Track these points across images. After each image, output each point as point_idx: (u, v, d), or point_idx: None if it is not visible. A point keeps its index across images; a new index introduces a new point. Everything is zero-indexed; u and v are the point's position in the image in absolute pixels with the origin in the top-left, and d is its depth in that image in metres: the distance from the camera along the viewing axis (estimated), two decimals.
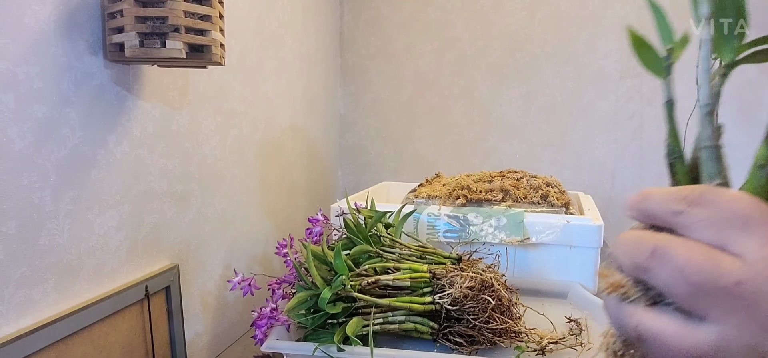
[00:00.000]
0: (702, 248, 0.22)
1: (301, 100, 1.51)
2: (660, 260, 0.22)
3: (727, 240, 0.22)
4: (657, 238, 0.23)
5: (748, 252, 0.21)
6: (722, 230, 0.22)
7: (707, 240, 0.22)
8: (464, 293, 0.79)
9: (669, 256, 0.22)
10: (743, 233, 0.22)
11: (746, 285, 0.21)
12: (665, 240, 0.23)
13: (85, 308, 0.73)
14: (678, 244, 0.22)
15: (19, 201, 0.65)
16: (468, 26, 1.77)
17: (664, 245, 0.23)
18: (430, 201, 1.16)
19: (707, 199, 0.23)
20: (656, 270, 0.23)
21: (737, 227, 0.22)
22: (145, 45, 0.70)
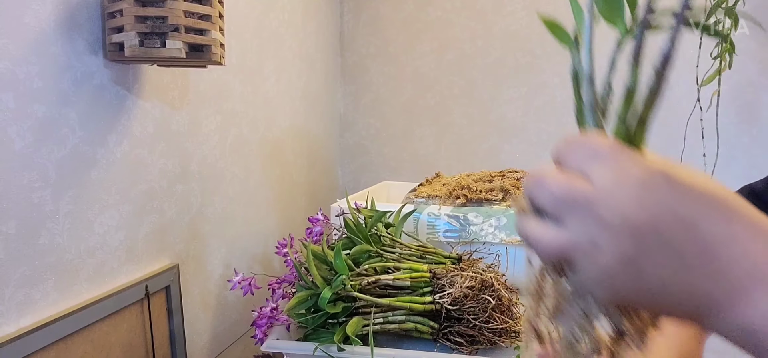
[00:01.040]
0: (565, 175, 0.30)
1: (301, 100, 1.51)
2: (540, 184, 0.31)
3: (585, 167, 0.29)
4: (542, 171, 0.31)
5: (597, 176, 0.29)
6: (583, 161, 0.30)
7: (574, 168, 0.30)
8: (464, 292, 0.79)
9: (545, 181, 0.30)
10: (595, 162, 0.29)
11: (590, 198, 0.28)
12: (546, 171, 0.31)
13: (85, 307, 0.73)
14: (552, 173, 0.31)
15: (19, 201, 0.65)
16: (468, 26, 1.77)
17: (543, 174, 0.31)
18: (430, 201, 1.16)
19: (579, 141, 0.31)
20: (537, 191, 0.31)
21: (592, 158, 0.29)
22: (145, 44, 0.70)
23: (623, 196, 0.28)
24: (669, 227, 0.27)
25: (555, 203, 0.30)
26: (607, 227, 0.27)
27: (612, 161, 0.29)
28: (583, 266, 0.29)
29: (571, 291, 0.32)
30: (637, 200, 0.27)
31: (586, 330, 0.32)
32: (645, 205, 0.27)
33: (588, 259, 0.28)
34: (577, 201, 0.29)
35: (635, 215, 0.27)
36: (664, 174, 0.28)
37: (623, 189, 0.28)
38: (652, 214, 0.27)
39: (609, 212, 0.28)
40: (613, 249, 0.27)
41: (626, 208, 0.27)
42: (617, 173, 0.28)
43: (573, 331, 0.32)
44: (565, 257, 0.30)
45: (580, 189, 0.29)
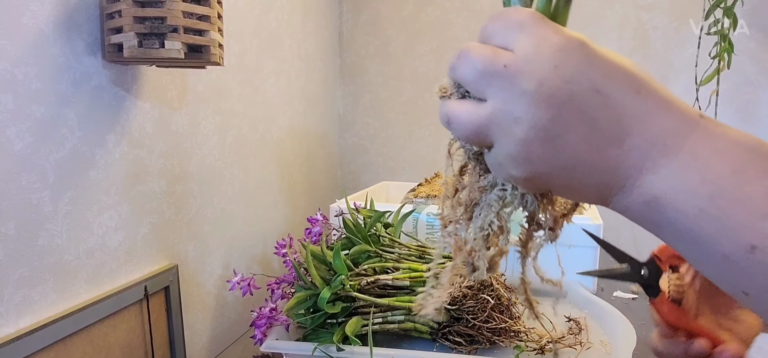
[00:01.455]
0: (489, 47, 0.29)
1: (300, 100, 1.51)
2: (462, 58, 0.30)
3: (507, 40, 0.29)
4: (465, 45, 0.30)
5: (518, 45, 0.28)
6: (506, 33, 0.29)
7: (497, 43, 0.29)
8: (463, 292, 0.79)
9: (466, 54, 0.30)
10: (519, 33, 0.28)
11: (510, 67, 0.27)
12: (469, 45, 0.30)
13: (85, 308, 0.73)
14: (475, 45, 0.30)
15: (17, 202, 0.65)
16: (468, 26, 1.77)
17: (467, 48, 0.30)
18: (429, 201, 1.16)
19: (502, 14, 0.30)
20: (459, 66, 0.30)
21: (516, 29, 0.28)
22: (144, 45, 0.70)
23: (542, 62, 0.27)
24: (584, 95, 0.27)
25: (477, 75, 0.29)
26: (525, 95, 0.27)
27: (534, 30, 0.28)
28: (501, 141, 0.29)
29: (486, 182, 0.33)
30: (554, 66, 0.27)
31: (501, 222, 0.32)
32: (562, 71, 0.27)
33: (506, 132, 0.28)
34: (498, 71, 0.28)
35: (552, 81, 0.27)
36: (583, 43, 0.28)
37: (542, 55, 0.27)
38: (568, 81, 0.27)
39: (528, 80, 0.27)
40: (530, 118, 0.27)
41: (544, 74, 0.27)
42: (538, 41, 0.28)
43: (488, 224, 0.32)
44: (483, 134, 0.29)
45: (501, 58, 0.28)
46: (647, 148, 0.27)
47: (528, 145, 0.28)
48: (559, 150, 0.28)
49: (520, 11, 0.29)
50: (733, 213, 0.26)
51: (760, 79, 1.58)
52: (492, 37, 0.30)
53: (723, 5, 1.27)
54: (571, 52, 0.27)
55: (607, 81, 0.27)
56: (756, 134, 0.26)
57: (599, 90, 0.27)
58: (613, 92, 0.27)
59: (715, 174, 0.26)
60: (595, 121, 0.27)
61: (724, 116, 1.56)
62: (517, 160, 0.29)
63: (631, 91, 0.28)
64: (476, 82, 0.29)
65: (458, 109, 0.30)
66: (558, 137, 0.27)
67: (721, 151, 0.27)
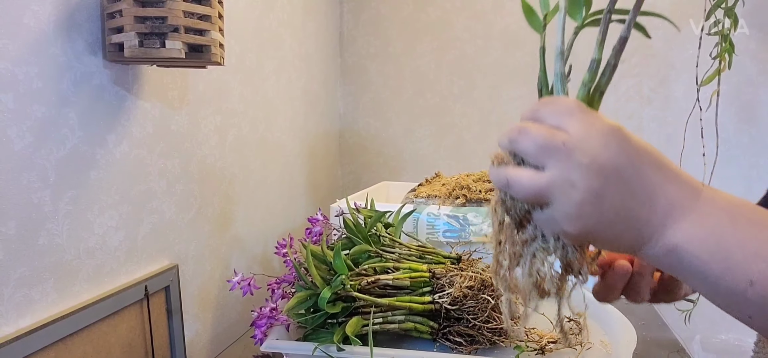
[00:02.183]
0: (544, 127, 0.37)
1: (300, 100, 1.51)
2: (523, 133, 0.37)
3: (560, 122, 0.37)
4: (523, 123, 0.38)
5: (571, 127, 0.36)
6: (558, 117, 0.37)
7: (550, 123, 0.37)
8: (464, 292, 0.79)
9: (528, 131, 0.37)
10: (569, 118, 0.36)
11: (567, 144, 0.35)
12: (527, 123, 0.38)
13: (85, 308, 0.73)
14: (535, 124, 0.38)
15: (18, 201, 0.65)
16: (468, 26, 1.77)
17: (526, 125, 0.38)
18: (429, 201, 1.16)
19: (553, 101, 0.38)
20: (520, 140, 0.37)
21: (566, 114, 0.37)
22: (145, 45, 0.70)
23: (594, 142, 0.35)
24: (625, 168, 0.35)
25: (538, 149, 0.36)
26: (581, 167, 0.35)
27: (582, 116, 0.36)
28: (559, 201, 0.36)
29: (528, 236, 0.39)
30: (604, 146, 0.35)
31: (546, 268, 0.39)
32: (609, 149, 0.35)
33: (564, 195, 0.35)
34: (557, 147, 0.36)
35: (602, 156, 0.35)
36: (620, 128, 0.36)
37: (593, 137, 0.35)
38: (613, 157, 0.35)
39: (583, 155, 0.35)
40: (585, 185, 0.35)
41: (596, 151, 0.35)
42: (587, 126, 0.36)
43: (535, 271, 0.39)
44: (542, 196, 0.36)
45: (559, 137, 0.36)
46: (669, 209, 0.35)
47: (582, 206, 0.35)
48: (605, 210, 0.35)
49: (568, 100, 0.38)
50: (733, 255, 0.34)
51: (761, 79, 1.58)
52: (545, 119, 0.38)
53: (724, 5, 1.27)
54: (613, 135, 0.36)
55: (639, 158, 0.36)
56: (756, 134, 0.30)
57: (635, 165, 0.35)
58: (643, 167, 0.36)
59: (718, 227, 0.35)
60: (631, 188, 0.35)
61: (725, 116, 1.56)
62: (572, 217, 0.36)
63: (653, 166, 0.36)
64: (537, 154, 0.37)
65: (519, 174, 0.37)
66: (605, 200, 0.35)
67: (720, 209, 0.35)
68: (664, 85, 1.66)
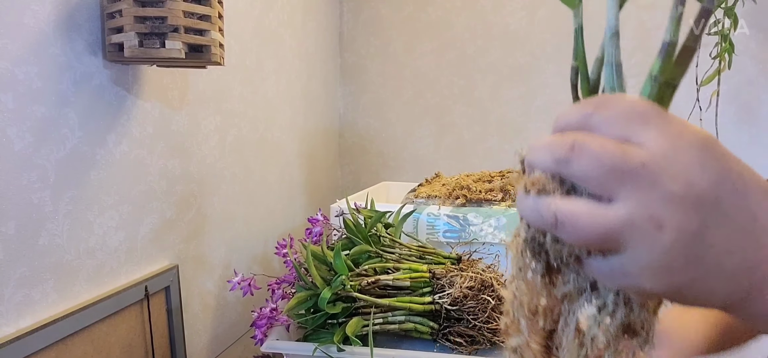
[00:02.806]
0: (612, 140, 0.25)
1: (300, 100, 1.51)
2: (579, 150, 0.25)
3: (630, 133, 0.25)
4: (575, 134, 0.26)
5: (649, 140, 0.25)
6: (626, 125, 0.26)
7: (614, 135, 0.26)
8: (464, 293, 0.79)
9: (586, 147, 0.25)
10: (644, 126, 0.25)
11: (649, 166, 0.24)
12: (582, 135, 0.26)
13: (85, 308, 0.73)
14: (592, 137, 0.26)
15: (18, 201, 0.65)
16: (468, 26, 1.77)
17: (582, 138, 0.26)
18: (429, 201, 1.16)
19: (612, 102, 0.27)
20: (575, 160, 0.25)
21: (638, 122, 0.25)
22: (145, 45, 0.70)
23: (686, 161, 0.24)
24: (728, 195, 0.25)
25: (604, 173, 0.25)
26: (672, 199, 0.24)
27: (664, 125, 0.25)
28: (637, 248, 0.25)
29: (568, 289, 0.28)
30: (700, 166, 0.24)
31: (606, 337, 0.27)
32: (709, 172, 0.24)
33: (646, 239, 0.24)
34: (635, 170, 0.24)
35: (700, 182, 0.24)
36: (717, 141, 0.25)
37: (684, 155, 0.24)
38: (713, 181, 0.24)
39: (673, 181, 0.24)
40: (677, 224, 0.24)
41: (692, 175, 0.24)
42: (673, 138, 0.25)
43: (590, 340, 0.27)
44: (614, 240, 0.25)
45: (636, 156, 0.24)
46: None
47: (672, 254, 0.24)
48: (703, 259, 0.25)
49: (638, 101, 0.26)
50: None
51: (761, 79, 1.58)
52: (605, 128, 0.26)
53: (724, 5, 1.27)
54: (711, 150, 0.25)
55: (743, 183, 0.25)
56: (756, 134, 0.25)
57: (739, 190, 0.25)
58: (749, 195, 0.25)
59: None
60: (736, 225, 0.25)
61: (725, 117, 1.56)
62: (656, 270, 0.25)
63: (760, 192, 0.26)
64: (603, 180, 0.25)
65: (574, 209, 0.25)
66: (704, 244, 0.24)
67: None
68: None
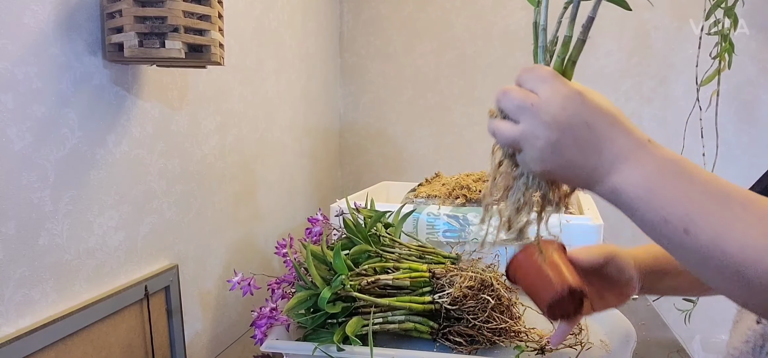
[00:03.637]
0: (522, 90, 0.46)
1: (300, 100, 1.51)
2: (506, 95, 0.47)
3: (535, 87, 0.46)
4: (508, 86, 0.47)
5: (541, 91, 0.45)
6: (534, 82, 0.46)
7: (527, 87, 0.46)
8: (464, 292, 0.79)
9: (508, 93, 0.47)
10: (542, 83, 0.45)
11: (536, 105, 0.45)
12: (510, 87, 0.47)
13: (85, 308, 0.73)
14: (515, 88, 0.47)
15: (18, 201, 0.65)
16: (468, 26, 1.77)
17: (509, 89, 0.47)
18: (429, 201, 1.16)
19: (532, 69, 0.47)
20: (503, 100, 0.47)
21: (539, 81, 0.46)
22: (144, 45, 0.70)
23: (554, 104, 0.44)
24: (577, 125, 0.44)
25: (514, 107, 0.46)
26: (544, 123, 0.44)
27: (552, 82, 0.45)
28: (526, 148, 0.45)
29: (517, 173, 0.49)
30: (562, 108, 0.44)
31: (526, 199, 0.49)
32: (566, 111, 0.44)
33: (530, 143, 0.45)
34: (527, 107, 0.45)
35: (560, 116, 0.44)
36: (580, 93, 0.44)
37: (555, 100, 0.44)
38: (568, 116, 0.44)
39: (545, 115, 0.44)
40: (545, 136, 0.44)
41: (555, 111, 0.44)
42: (552, 91, 0.44)
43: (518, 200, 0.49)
44: (516, 143, 0.46)
45: (530, 99, 0.45)
46: (613, 159, 0.44)
47: (543, 152, 0.45)
48: (561, 156, 0.45)
49: (544, 69, 0.46)
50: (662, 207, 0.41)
51: (761, 79, 1.58)
52: (524, 83, 0.47)
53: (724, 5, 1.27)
54: (572, 99, 0.44)
55: (593, 118, 0.44)
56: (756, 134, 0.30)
57: (587, 123, 0.44)
58: (595, 125, 0.44)
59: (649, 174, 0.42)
60: (583, 141, 0.44)
61: (725, 116, 1.56)
62: (536, 161, 0.45)
63: (606, 123, 0.44)
64: (513, 111, 0.46)
65: (501, 126, 0.47)
66: (561, 149, 0.44)
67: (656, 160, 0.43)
68: (664, 85, 1.66)
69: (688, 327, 1.41)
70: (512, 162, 0.49)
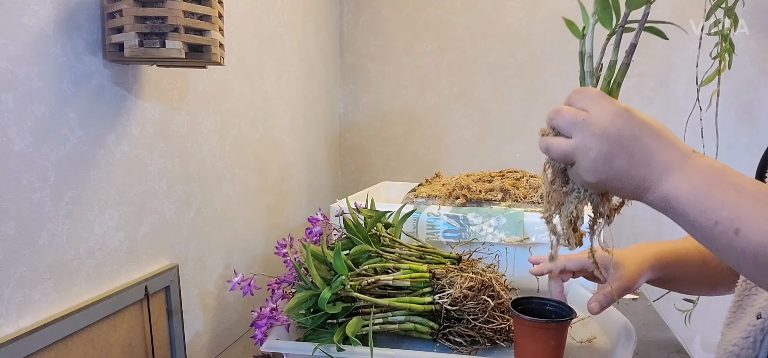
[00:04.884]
0: (573, 108, 0.50)
1: (300, 100, 1.51)
2: (558, 113, 0.51)
3: (585, 106, 0.50)
4: (559, 107, 0.51)
5: (590, 109, 0.49)
6: (583, 101, 0.50)
7: (577, 106, 0.50)
8: (464, 293, 0.79)
9: (561, 111, 0.51)
10: (590, 102, 0.50)
11: (586, 121, 0.49)
12: (562, 107, 0.51)
13: (85, 308, 0.73)
14: (566, 107, 0.51)
15: (18, 201, 0.65)
16: (468, 26, 1.77)
17: (561, 108, 0.51)
18: (429, 201, 1.16)
19: (581, 91, 0.51)
20: (556, 118, 0.51)
21: (588, 100, 0.50)
22: (145, 45, 0.70)
23: (604, 119, 0.48)
24: (626, 136, 0.48)
25: (566, 124, 0.50)
26: (595, 135, 0.48)
27: (600, 101, 0.49)
28: (580, 159, 0.49)
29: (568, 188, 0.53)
30: (611, 122, 0.48)
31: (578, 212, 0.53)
32: (615, 124, 0.48)
33: (583, 154, 0.49)
34: (579, 122, 0.49)
35: (609, 129, 0.48)
36: (627, 109, 0.49)
37: (605, 115, 0.48)
38: (618, 129, 0.48)
39: (597, 127, 0.48)
40: (597, 147, 0.48)
41: (605, 125, 0.48)
42: (601, 107, 0.49)
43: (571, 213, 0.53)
44: (570, 156, 0.50)
45: (581, 115, 0.49)
46: (661, 169, 0.47)
47: (595, 162, 0.48)
48: (612, 166, 0.48)
49: (592, 90, 0.51)
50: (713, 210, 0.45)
51: (761, 79, 1.58)
52: (574, 103, 0.51)
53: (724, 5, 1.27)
54: (620, 114, 0.48)
55: (640, 130, 0.48)
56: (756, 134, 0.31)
57: (635, 135, 0.48)
58: (643, 137, 0.48)
59: (697, 184, 0.46)
60: (632, 152, 0.48)
61: (725, 116, 1.56)
62: (589, 171, 0.49)
63: (653, 136, 0.48)
64: (566, 128, 0.50)
65: (554, 141, 0.51)
66: (612, 160, 0.48)
67: (701, 172, 0.47)
68: (664, 85, 1.66)
69: (688, 327, 1.41)
70: (563, 178, 0.53)
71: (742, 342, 0.60)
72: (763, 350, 0.58)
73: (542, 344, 0.70)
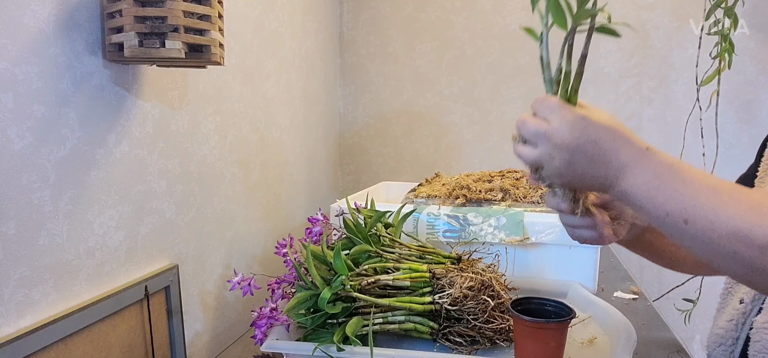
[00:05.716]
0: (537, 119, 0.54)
1: (300, 100, 1.51)
2: (523, 124, 0.54)
3: (546, 116, 0.53)
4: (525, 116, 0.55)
5: (552, 120, 0.52)
6: (545, 112, 0.53)
7: (540, 116, 0.54)
8: (464, 293, 0.79)
9: (525, 122, 0.54)
10: (551, 113, 0.53)
11: (548, 132, 0.52)
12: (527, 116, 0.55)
13: (85, 308, 0.73)
14: (531, 117, 0.54)
15: (18, 201, 0.65)
16: (468, 26, 1.77)
17: (526, 118, 0.54)
18: (429, 201, 1.16)
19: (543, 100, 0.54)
20: (522, 128, 0.54)
21: (549, 110, 0.53)
22: (145, 45, 0.70)
23: (563, 130, 0.51)
24: (585, 144, 0.51)
25: (531, 134, 0.54)
26: (556, 147, 0.52)
27: (559, 111, 0.52)
28: (546, 166, 0.54)
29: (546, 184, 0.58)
30: (570, 132, 0.51)
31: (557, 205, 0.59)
32: (574, 134, 0.51)
33: (548, 163, 0.53)
34: (542, 134, 0.53)
35: (568, 139, 0.51)
36: (584, 117, 0.52)
37: (563, 126, 0.52)
38: (576, 138, 0.51)
39: (557, 138, 0.52)
40: (560, 156, 0.52)
41: (564, 135, 0.51)
42: (560, 118, 0.52)
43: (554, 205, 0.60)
44: (537, 163, 0.54)
45: (543, 127, 0.53)
46: (619, 167, 0.51)
47: (560, 169, 0.53)
48: (575, 171, 0.53)
49: (552, 99, 0.54)
50: (663, 203, 0.49)
51: (761, 79, 1.58)
52: (538, 112, 0.54)
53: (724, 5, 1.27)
54: (577, 124, 0.51)
55: (597, 135, 0.51)
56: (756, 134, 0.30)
57: (593, 140, 0.51)
58: (601, 141, 0.51)
59: (650, 179, 0.50)
60: (592, 156, 0.52)
61: (725, 116, 1.56)
62: (555, 175, 0.54)
63: (610, 138, 0.52)
64: (531, 138, 0.54)
65: (523, 150, 0.55)
66: (574, 165, 0.52)
67: (653, 167, 0.50)
68: (664, 85, 1.66)
69: (688, 327, 1.41)
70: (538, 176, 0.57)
71: (726, 325, 0.65)
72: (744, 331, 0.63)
73: (542, 344, 0.70)
